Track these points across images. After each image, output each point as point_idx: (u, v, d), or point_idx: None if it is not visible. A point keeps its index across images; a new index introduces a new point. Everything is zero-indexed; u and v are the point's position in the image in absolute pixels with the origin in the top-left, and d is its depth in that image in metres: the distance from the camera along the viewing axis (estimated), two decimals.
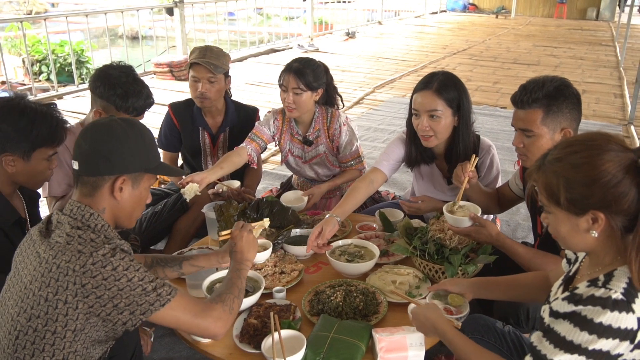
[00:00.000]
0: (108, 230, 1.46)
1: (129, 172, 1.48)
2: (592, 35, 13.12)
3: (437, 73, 2.31)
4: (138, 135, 1.50)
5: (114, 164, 1.45)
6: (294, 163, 2.97)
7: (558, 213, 1.27)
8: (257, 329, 1.72)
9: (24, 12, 14.63)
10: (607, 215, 1.20)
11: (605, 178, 1.18)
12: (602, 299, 1.15)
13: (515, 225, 3.48)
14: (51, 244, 1.37)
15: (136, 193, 1.52)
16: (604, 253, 1.26)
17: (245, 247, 1.74)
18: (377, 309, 1.84)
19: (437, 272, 2.00)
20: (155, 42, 9.77)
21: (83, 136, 1.47)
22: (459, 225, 1.99)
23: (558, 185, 1.23)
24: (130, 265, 1.37)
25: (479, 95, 6.92)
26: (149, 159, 1.52)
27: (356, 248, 2.20)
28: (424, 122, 2.26)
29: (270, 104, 6.29)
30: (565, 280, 1.40)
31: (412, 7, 16.77)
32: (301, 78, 2.63)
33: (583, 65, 9.19)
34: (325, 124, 2.83)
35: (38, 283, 1.34)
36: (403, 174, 4.12)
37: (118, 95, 2.29)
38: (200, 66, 2.77)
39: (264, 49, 10.07)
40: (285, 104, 2.70)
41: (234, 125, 2.99)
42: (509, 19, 16.77)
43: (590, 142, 1.23)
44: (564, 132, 1.88)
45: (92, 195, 1.46)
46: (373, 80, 7.81)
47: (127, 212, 1.53)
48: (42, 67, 7.54)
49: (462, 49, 10.61)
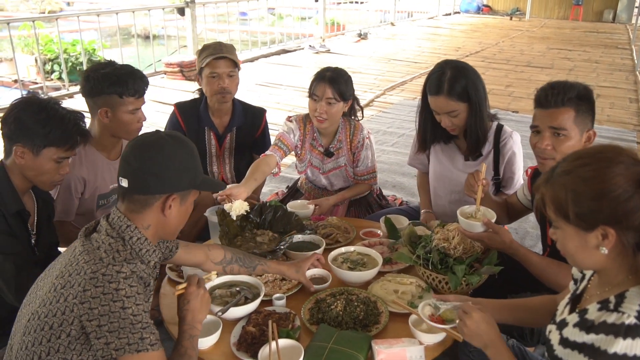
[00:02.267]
0: (144, 248, 1.46)
1: (179, 190, 1.48)
2: (608, 37, 12.96)
3: (445, 69, 2.26)
4: (188, 152, 1.49)
5: (165, 182, 1.45)
6: (310, 173, 2.94)
7: (566, 228, 1.22)
8: (255, 337, 1.70)
9: (39, 10, 14.77)
10: (617, 231, 1.15)
11: (615, 192, 1.13)
12: (615, 325, 1.10)
13: (523, 234, 3.43)
14: (85, 244, 1.42)
15: (183, 209, 1.52)
16: (615, 272, 1.20)
17: (198, 308, 1.59)
18: (377, 319, 1.80)
19: (440, 282, 1.95)
20: (166, 41, 9.79)
21: (132, 153, 1.45)
22: (472, 230, 1.93)
23: (566, 199, 1.19)
24: (134, 296, 1.35)
25: (490, 99, 6.72)
26: (196, 175, 1.52)
27: (359, 255, 2.17)
28: (445, 121, 2.29)
29: (279, 105, 6.27)
30: (572, 299, 1.34)
31: (426, 8, 16.69)
32: (336, 88, 2.57)
33: (598, 68, 9.07)
34: (348, 136, 2.78)
35: (63, 279, 1.38)
36: (411, 179, 4.08)
37: (113, 82, 2.26)
38: (221, 60, 2.71)
39: (275, 49, 10.07)
40: (315, 114, 2.61)
41: (241, 126, 2.95)
42: (523, 20, 16.62)
43: (600, 155, 1.19)
44: (588, 134, 1.87)
45: (140, 212, 1.46)
46: (384, 82, 7.77)
47: (172, 228, 1.53)
48: (54, 66, 7.60)
49: (475, 51, 10.52)
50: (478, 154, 2.41)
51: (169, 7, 9.01)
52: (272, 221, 2.42)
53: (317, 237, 2.32)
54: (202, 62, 2.73)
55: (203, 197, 2.63)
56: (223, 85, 2.73)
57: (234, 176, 2.98)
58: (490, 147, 2.40)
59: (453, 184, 2.52)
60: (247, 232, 2.36)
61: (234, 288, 1.91)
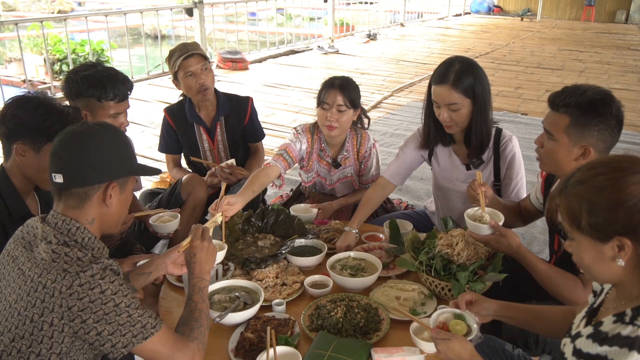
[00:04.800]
0: (96, 246, 1.42)
1: (118, 178, 1.45)
2: (620, 39, 12.81)
3: (454, 61, 2.22)
4: (120, 139, 1.47)
5: (103, 171, 1.42)
6: (316, 183, 2.93)
7: (581, 239, 1.19)
8: (253, 344, 1.67)
9: (49, 10, 14.88)
10: (634, 242, 1.12)
11: (630, 202, 1.10)
12: (629, 338, 1.07)
13: (530, 239, 3.37)
14: (36, 260, 1.33)
15: (123, 198, 1.50)
16: (632, 284, 1.17)
17: (204, 259, 1.66)
18: (378, 327, 1.77)
19: (443, 288, 1.92)
20: (175, 41, 9.81)
21: (63, 146, 1.42)
22: (479, 233, 1.90)
23: (580, 210, 1.16)
24: (119, 289, 1.33)
25: (499, 101, 6.78)
26: (132, 161, 1.50)
27: (355, 261, 2.14)
28: (444, 114, 2.24)
29: (287, 106, 6.24)
30: (589, 312, 1.31)
31: (436, 9, 16.59)
32: (346, 95, 2.55)
33: (609, 70, 8.96)
34: (355, 146, 2.77)
35: (23, 302, 1.30)
36: (417, 182, 4.04)
37: (92, 85, 2.24)
38: (191, 58, 2.77)
39: (284, 50, 10.05)
40: (325, 122, 2.58)
41: (228, 115, 3.01)
42: (534, 21, 16.48)
43: (615, 164, 1.16)
44: (584, 149, 1.75)
45: (80, 207, 1.42)
46: (392, 84, 7.73)
47: (115, 218, 1.50)
48: (62, 66, 7.63)
49: (485, 53, 10.45)
50: (479, 161, 2.36)
51: (177, 7, 9.02)
52: (274, 225, 2.40)
53: (319, 241, 2.29)
54: (174, 66, 2.81)
55: (194, 189, 2.64)
56: (200, 82, 2.79)
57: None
58: (491, 153, 2.36)
59: (460, 196, 2.47)
60: (248, 236, 2.34)
61: (233, 293, 1.88)
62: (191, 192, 2.68)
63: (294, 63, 9.11)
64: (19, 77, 7.98)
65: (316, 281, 2.03)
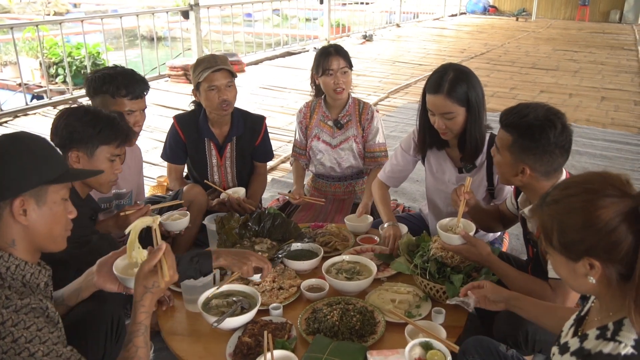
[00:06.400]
0: (24, 273, 1.32)
1: (25, 190, 1.31)
2: (614, 38, 12.86)
3: (448, 69, 2.24)
4: (23, 149, 1.34)
5: (4, 186, 1.29)
6: (318, 148, 3.05)
7: (555, 255, 1.24)
8: (251, 348, 1.70)
9: (45, 13, 14.85)
10: (602, 263, 1.16)
11: (598, 225, 1.13)
12: (611, 356, 1.10)
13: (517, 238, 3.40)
14: None
15: (46, 210, 1.35)
16: (610, 298, 1.20)
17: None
18: (374, 329, 1.80)
19: (438, 291, 1.95)
20: (171, 44, 9.82)
21: None
22: (450, 243, 1.97)
23: (552, 229, 1.21)
24: (37, 335, 1.21)
25: (494, 102, 6.80)
26: (48, 170, 1.35)
27: (350, 264, 2.17)
28: (439, 122, 2.26)
29: (283, 109, 6.25)
30: (577, 320, 1.34)
31: (431, 9, 16.63)
32: (344, 57, 2.84)
33: (603, 70, 9.00)
34: (357, 110, 3.00)
35: None
36: (413, 184, 4.07)
37: (107, 81, 2.34)
38: (218, 73, 2.67)
39: (280, 51, 10.06)
40: (333, 86, 2.83)
41: (241, 135, 2.92)
42: (529, 21, 16.54)
43: (587, 185, 1.19)
44: (522, 168, 1.80)
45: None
46: (388, 85, 7.75)
47: (44, 235, 1.37)
48: (58, 69, 7.62)
49: (480, 53, 10.47)
50: (472, 165, 2.39)
51: (173, 10, 9.01)
52: (270, 229, 2.42)
53: (315, 245, 2.32)
54: (198, 77, 2.69)
55: (196, 198, 2.62)
56: (223, 97, 2.70)
57: (236, 185, 2.96)
58: (484, 158, 2.39)
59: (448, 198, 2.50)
60: (245, 240, 2.36)
61: (231, 298, 1.91)
62: (193, 200, 2.63)
63: (290, 65, 9.12)
64: (14, 80, 7.97)
65: (313, 285, 2.06)
